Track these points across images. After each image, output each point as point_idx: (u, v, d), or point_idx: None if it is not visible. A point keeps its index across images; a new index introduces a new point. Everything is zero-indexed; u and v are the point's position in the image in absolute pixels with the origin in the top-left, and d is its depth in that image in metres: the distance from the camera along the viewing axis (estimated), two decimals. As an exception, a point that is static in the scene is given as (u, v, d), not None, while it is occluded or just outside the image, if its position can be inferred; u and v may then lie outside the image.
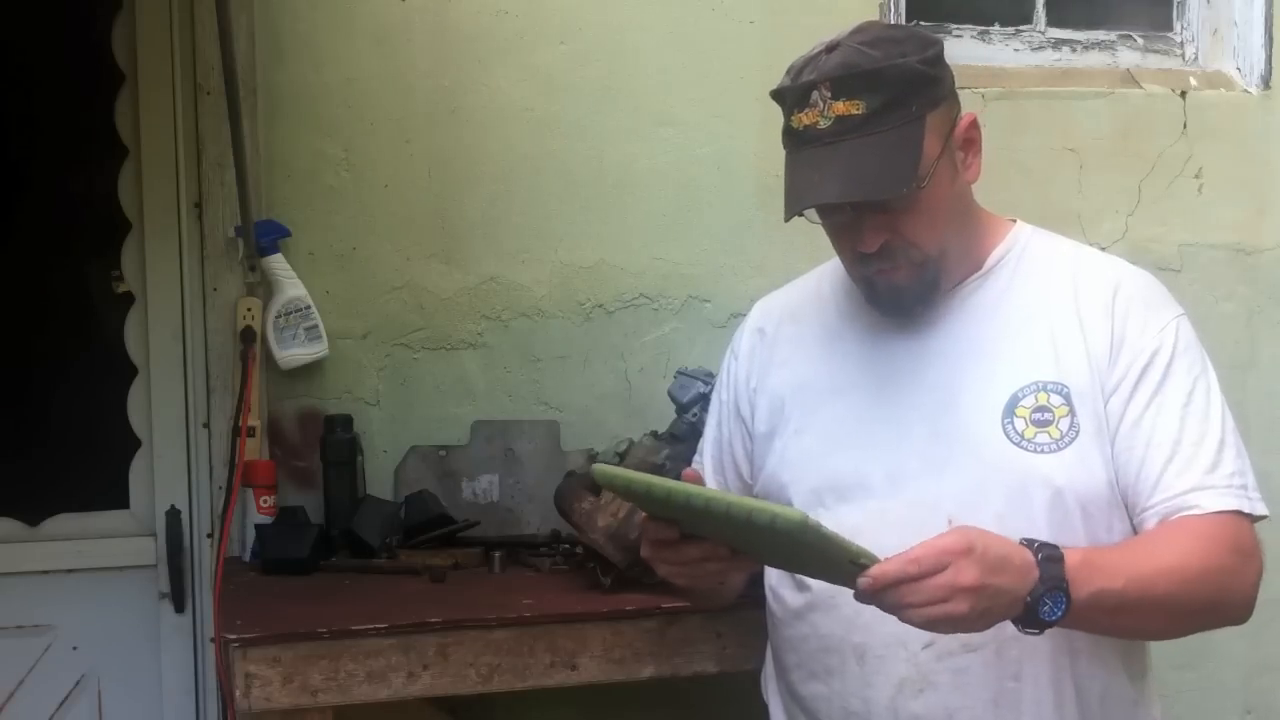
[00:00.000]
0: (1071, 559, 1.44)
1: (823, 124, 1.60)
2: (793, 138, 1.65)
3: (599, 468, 1.53)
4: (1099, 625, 1.55)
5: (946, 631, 1.42)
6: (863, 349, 1.75)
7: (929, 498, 1.63)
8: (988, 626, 1.44)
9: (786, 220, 1.66)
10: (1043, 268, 1.73)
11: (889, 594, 1.38)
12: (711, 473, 1.90)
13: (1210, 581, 1.55)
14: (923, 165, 1.61)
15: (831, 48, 1.63)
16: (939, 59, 1.66)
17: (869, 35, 1.64)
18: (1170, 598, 1.53)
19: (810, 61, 1.64)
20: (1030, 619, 1.44)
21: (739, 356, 1.88)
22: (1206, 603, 1.57)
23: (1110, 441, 1.62)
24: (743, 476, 1.86)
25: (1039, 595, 1.42)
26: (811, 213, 1.67)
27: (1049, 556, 1.43)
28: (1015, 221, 1.79)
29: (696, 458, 1.97)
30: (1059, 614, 1.43)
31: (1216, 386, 1.66)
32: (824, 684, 1.70)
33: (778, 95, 1.68)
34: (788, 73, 1.68)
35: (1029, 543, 1.45)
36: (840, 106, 1.59)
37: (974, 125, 1.70)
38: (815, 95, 1.61)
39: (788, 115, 1.65)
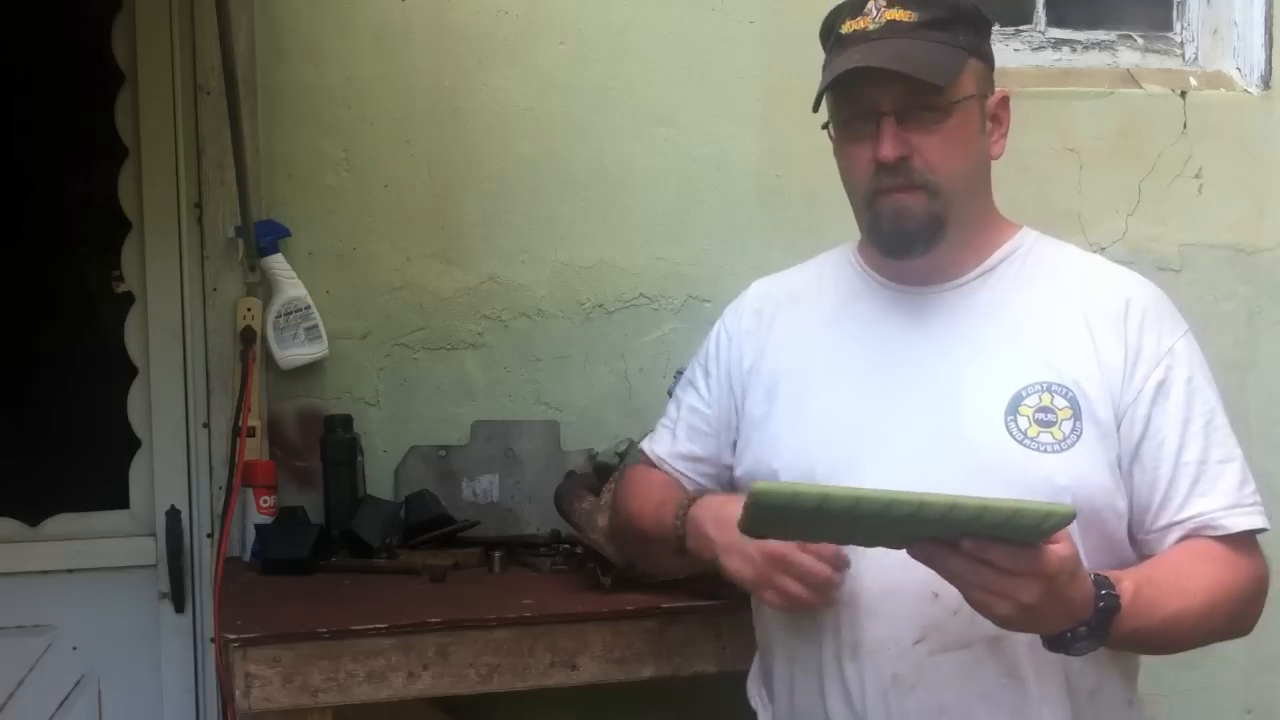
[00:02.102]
0: (1124, 602, 1.48)
1: (872, 27, 1.65)
2: (838, 42, 1.68)
3: (759, 485, 1.39)
4: (1119, 649, 1.59)
5: (976, 610, 1.45)
6: (862, 338, 1.75)
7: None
8: (1008, 629, 1.48)
9: (816, 103, 1.69)
10: (1048, 272, 1.73)
11: (959, 563, 1.41)
12: (685, 439, 1.88)
13: (1232, 615, 1.62)
14: (959, 85, 1.65)
15: None
16: (989, 27, 1.74)
17: None
18: (1195, 631, 1.60)
19: None
20: (1059, 646, 1.49)
21: (733, 336, 1.88)
22: (1222, 631, 1.64)
23: (1126, 455, 1.64)
24: (720, 447, 1.86)
25: (1080, 636, 1.47)
26: (829, 130, 1.70)
27: (1107, 606, 1.47)
28: (1022, 226, 1.79)
29: (665, 424, 1.94)
30: (1086, 653, 1.50)
31: (1219, 399, 1.70)
32: (816, 681, 1.69)
33: (831, 15, 1.72)
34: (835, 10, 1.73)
35: (1096, 582, 1.47)
36: (892, 13, 1.64)
37: (1006, 104, 1.74)
38: (870, 5, 1.66)
39: (838, 25, 1.69)
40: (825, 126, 1.72)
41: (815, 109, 1.70)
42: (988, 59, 1.73)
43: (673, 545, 1.75)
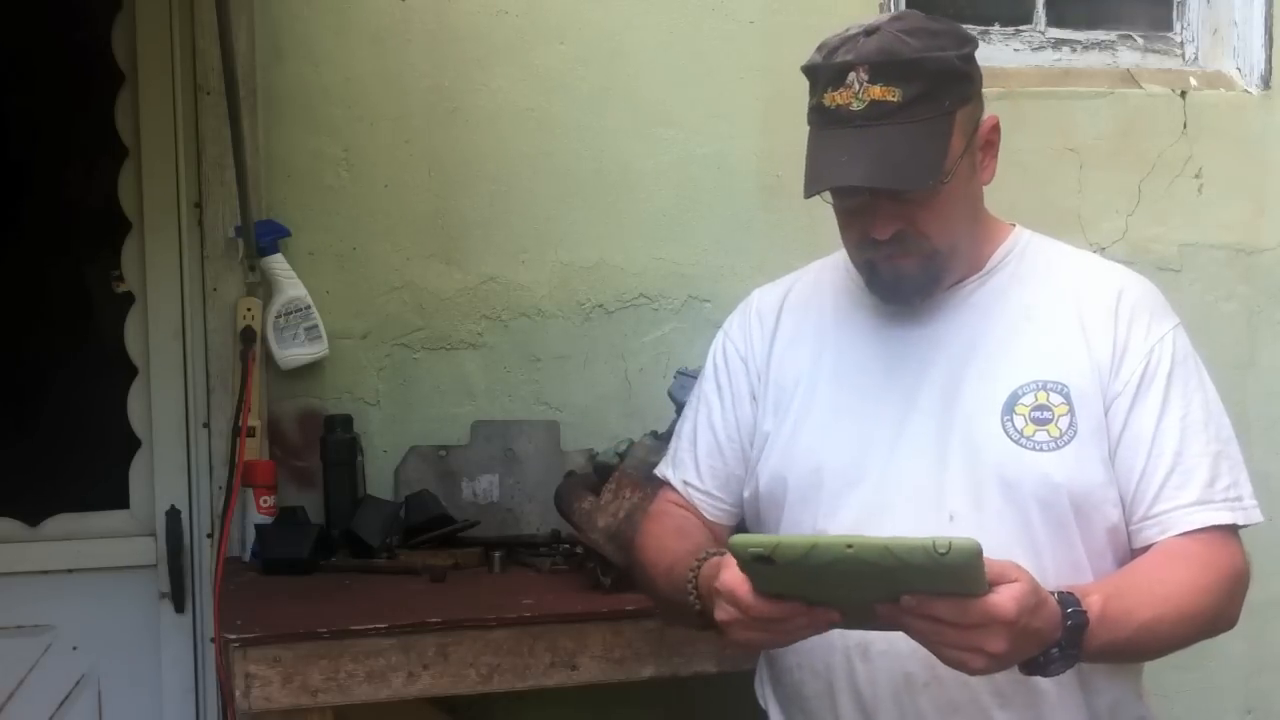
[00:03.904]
0: (1092, 617, 1.47)
1: (856, 106, 1.60)
2: (822, 115, 1.64)
3: (737, 540, 1.41)
4: (1095, 662, 1.58)
5: (953, 668, 1.43)
6: (862, 344, 1.75)
7: (929, 493, 1.64)
8: (985, 674, 1.47)
9: (806, 197, 1.65)
10: (1043, 271, 1.74)
11: (920, 624, 1.40)
12: (705, 458, 1.84)
13: (1208, 615, 1.60)
14: (948, 160, 1.62)
15: (870, 31, 1.63)
16: (972, 57, 1.68)
17: (908, 24, 1.65)
18: (1170, 637, 1.58)
19: (847, 42, 1.63)
20: (1032, 669, 1.48)
21: (741, 346, 1.85)
22: (1200, 631, 1.62)
23: (1111, 447, 1.64)
24: (746, 460, 1.82)
25: (1053, 658, 1.46)
26: (825, 193, 1.67)
27: (1075, 624, 1.46)
28: (1015, 225, 1.80)
29: (686, 445, 1.88)
30: (1061, 672, 1.49)
31: (1214, 394, 1.69)
32: (827, 682, 1.69)
33: (810, 71, 1.67)
34: (819, 50, 1.67)
35: (1062, 600, 1.46)
36: (876, 91, 1.59)
37: (995, 128, 1.72)
38: (852, 76, 1.60)
39: (819, 92, 1.64)
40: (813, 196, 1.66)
41: (806, 196, 1.65)
42: (975, 91, 1.68)
43: (696, 621, 1.65)
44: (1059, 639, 1.45)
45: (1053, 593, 1.46)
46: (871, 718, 1.66)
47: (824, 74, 1.63)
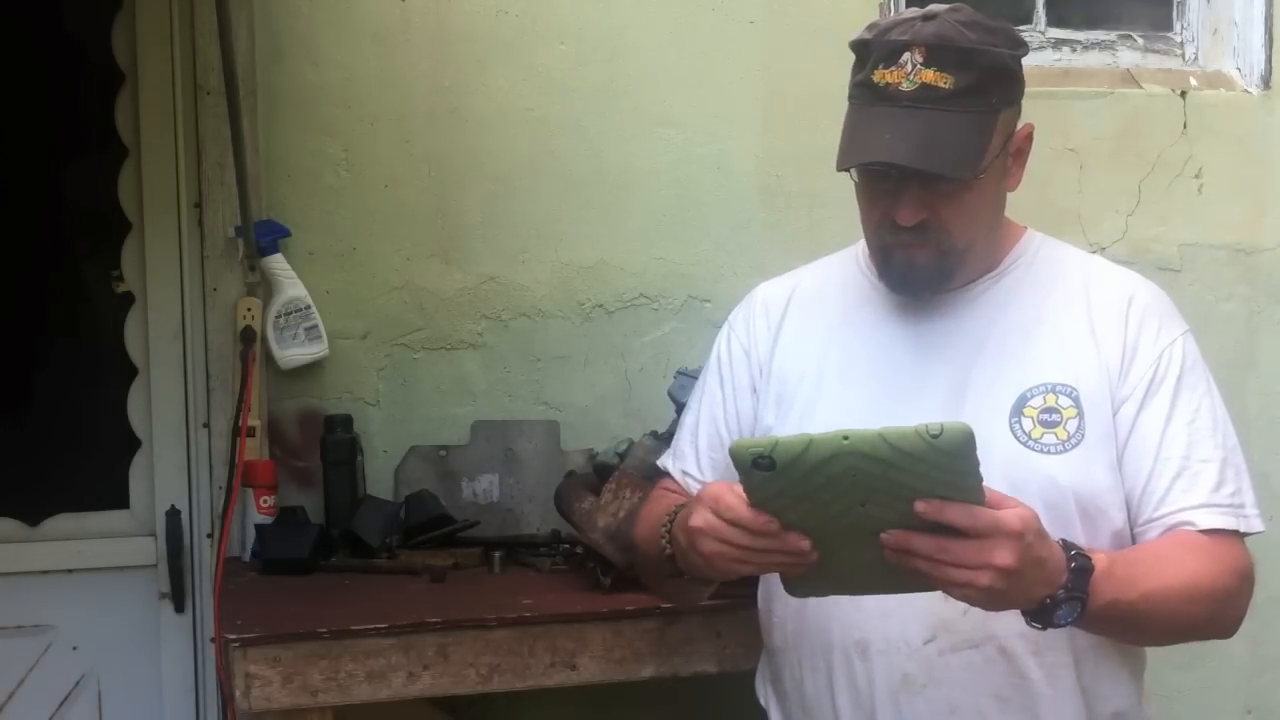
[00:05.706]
0: (1098, 566, 1.47)
1: (906, 86, 1.60)
2: (869, 91, 1.63)
3: (739, 443, 1.39)
4: (1103, 631, 1.58)
5: (955, 597, 1.41)
6: (870, 341, 1.75)
7: None
8: (993, 609, 1.45)
9: (840, 170, 1.65)
10: (1053, 273, 1.74)
11: (926, 541, 1.37)
12: (705, 449, 1.85)
13: (1214, 601, 1.60)
14: (986, 156, 1.62)
15: (929, 17, 1.63)
16: (1020, 61, 1.68)
17: (966, 16, 1.64)
18: (1176, 614, 1.57)
19: (902, 24, 1.63)
20: (1041, 617, 1.46)
21: (744, 339, 1.85)
22: (1205, 620, 1.61)
23: (1118, 450, 1.64)
24: None
25: (1059, 600, 1.44)
26: (851, 171, 1.66)
27: (1080, 567, 1.45)
28: (1026, 228, 1.80)
29: (687, 436, 1.88)
30: (1070, 620, 1.47)
31: (1220, 401, 1.69)
32: (826, 681, 1.70)
33: (861, 46, 1.66)
34: (870, 29, 1.67)
35: (1065, 546, 1.46)
36: (929, 75, 1.59)
37: (1029, 138, 1.71)
38: (906, 57, 1.60)
39: (869, 68, 1.63)
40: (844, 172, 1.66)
41: (840, 168, 1.65)
42: (1018, 100, 1.69)
43: (665, 568, 1.65)
44: (1064, 581, 1.44)
45: (1056, 541, 1.46)
46: (870, 717, 1.66)
47: (877, 50, 1.63)
